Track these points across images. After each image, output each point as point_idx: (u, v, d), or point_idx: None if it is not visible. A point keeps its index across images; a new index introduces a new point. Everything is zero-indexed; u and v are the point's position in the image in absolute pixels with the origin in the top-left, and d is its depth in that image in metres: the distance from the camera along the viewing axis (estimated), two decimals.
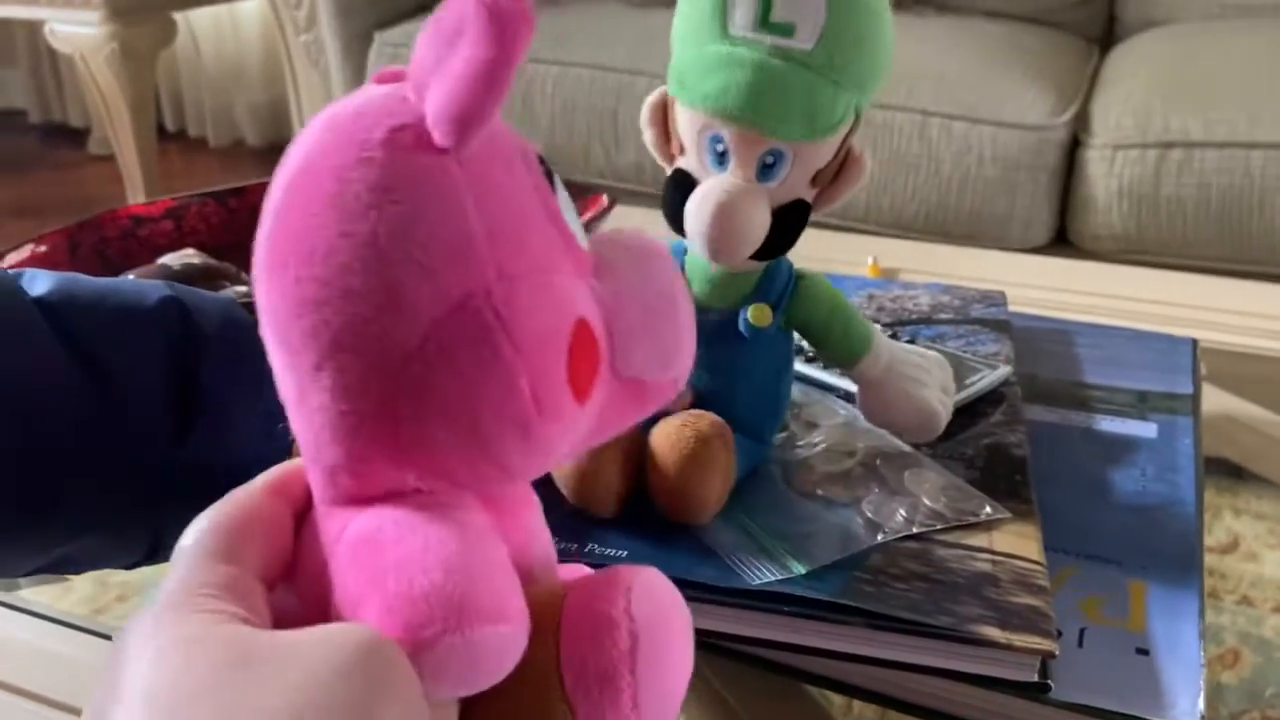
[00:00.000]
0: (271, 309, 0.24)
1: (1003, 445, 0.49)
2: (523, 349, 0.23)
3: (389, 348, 0.23)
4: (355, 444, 0.24)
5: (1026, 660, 0.37)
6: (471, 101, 0.22)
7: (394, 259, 0.23)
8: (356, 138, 0.23)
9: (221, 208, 0.74)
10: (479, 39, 0.22)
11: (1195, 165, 1.25)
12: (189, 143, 2.86)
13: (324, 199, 0.23)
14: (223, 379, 0.38)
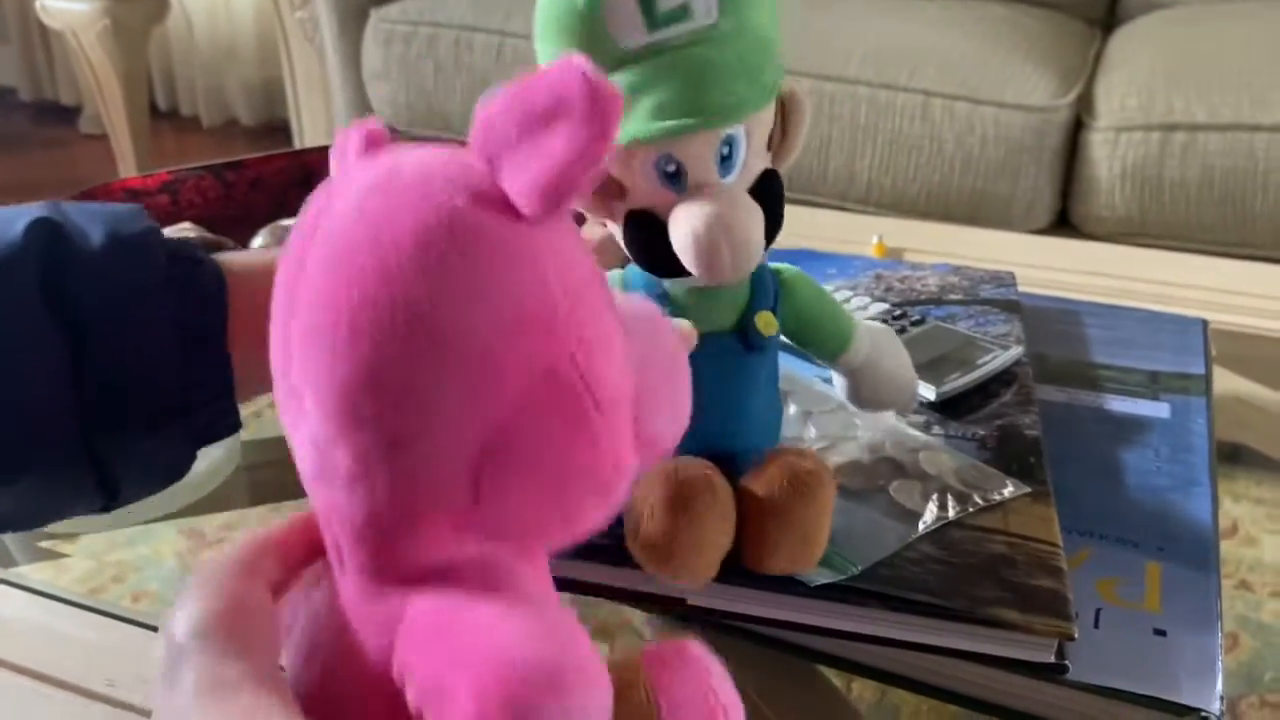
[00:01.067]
0: (329, 378, 0.23)
1: (1015, 426, 0.48)
2: (604, 412, 0.24)
3: (477, 418, 0.23)
4: (427, 515, 0.23)
5: (1044, 642, 0.36)
6: (571, 178, 0.23)
7: (485, 327, 0.22)
8: (432, 202, 0.23)
9: (218, 181, 0.73)
10: (583, 121, 0.22)
11: (1199, 147, 1.24)
12: (182, 122, 2.83)
13: (403, 264, 0.22)
14: (111, 302, 0.35)
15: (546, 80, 0.23)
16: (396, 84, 1.64)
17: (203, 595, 0.25)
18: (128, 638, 0.44)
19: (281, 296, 0.25)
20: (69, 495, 0.37)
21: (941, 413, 0.49)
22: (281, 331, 0.24)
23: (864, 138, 1.37)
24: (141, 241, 0.37)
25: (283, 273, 0.25)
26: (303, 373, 0.23)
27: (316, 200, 0.25)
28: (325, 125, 1.87)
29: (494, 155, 0.23)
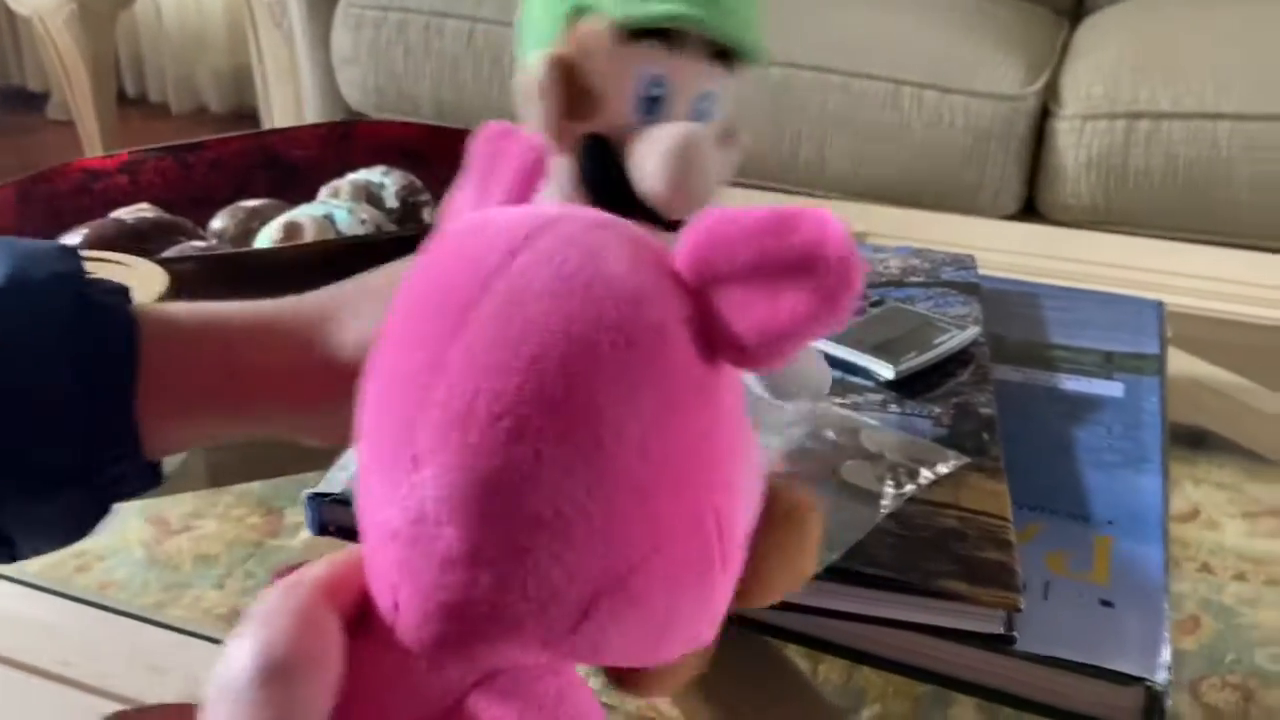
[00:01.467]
0: (470, 462, 0.21)
1: (971, 404, 0.48)
2: (726, 569, 0.23)
3: (613, 553, 0.21)
4: (522, 626, 0.22)
5: (992, 613, 0.37)
6: (800, 341, 0.22)
7: (656, 462, 0.21)
8: (642, 312, 0.21)
9: (177, 163, 0.72)
10: (834, 291, 0.21)
11: (1163, 136, 1.26)
12: (150, 108, 2.80)
13: (592, 371, 0.21)
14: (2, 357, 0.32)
15: (802, 227, 0.21)
16: (366, 69, 1.63)
17: (278, 628, 0.22)
18: (83, 620, 0.44)
19: (423, 329, 0.22)
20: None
21: (899, 391, 0.49)
22: (411, 380, 0.22)
23: (834, 126, 1.38)
24: (47, 288, 0.34)
25: (424, 307, 0.22)
26: (435, 443, 0.21)
27: (480, 242, 0.22)
28: (294, 111, 1.86)
29: (715, 280, 0.22)
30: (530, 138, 0.26)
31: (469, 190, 0.26)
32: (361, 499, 0.24)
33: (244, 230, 0.66)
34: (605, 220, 0.23)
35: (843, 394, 0.49)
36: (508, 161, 0.26)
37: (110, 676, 0.41)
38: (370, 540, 0.23)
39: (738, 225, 0.22)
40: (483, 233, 0.23)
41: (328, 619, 0.23)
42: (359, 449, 0.24)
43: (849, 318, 0.21)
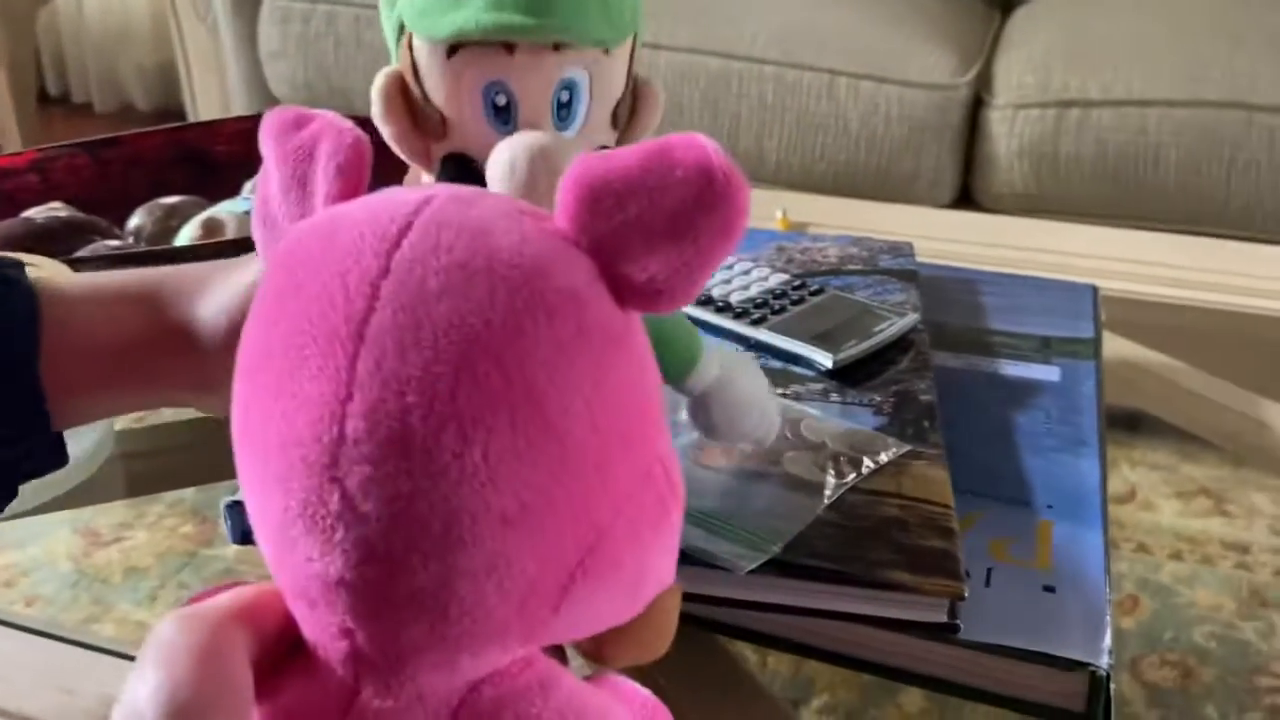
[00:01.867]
0: (405, 479, 0.19)
1: (911, 391, 0.48)
2: (678, 508, 0.23)
3: (583, 524, 0.21)
4: (508, 630, 0.21)
5: (935, 602, 0.36)
6: (705, 278, 0.21)
7: (605, 428, 0.20)
8: (551, 284, 0.20)
9: (92, 159, 0.70)
10: (719, 238, 0.21)
11: (1093, 123, 1.27)
12: (73, 108, 2.72)
13: (522, 350, 0.20)
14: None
15: (680, 157, 0.20)
16: (295, 63, 1.59)
17: (181, 667, 0.21)
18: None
19: (306, 354, 0.20)
20: None
21: (839, 380, 0.49)
22: (310, 414, 0.20)
23: (771, 117, 1.38)
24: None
25: (300, 329, 0.21)
26: (369, 474, 0.20)
27: (342, 246, 0.21)
28: (221, 107, 1.81)
29: (609, 234, 0.21)
30: (339, 124, 0.24)
31: (284, 192, 0.24)
32: (274, 552, 0.22)
33: (163, 228, 0.64)
34: (465, 193, 0.22)
35: (784, 384, 0.48)
36: (324, 153, 0.23)
37: (20, 697, 0.39)
38: (301, 591, 0.22)
39: (616, 174, 0.21)
40: (338, 235, 0.21)
41: (234, 658, 0.21)
42: (249, 500, 0.22)
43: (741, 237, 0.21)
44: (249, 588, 0.23)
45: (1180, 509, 0.52)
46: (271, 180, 0.25)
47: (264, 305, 0.22)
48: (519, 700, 0.22)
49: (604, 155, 0.21)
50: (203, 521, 0.50)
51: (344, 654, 0.21)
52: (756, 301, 0.54)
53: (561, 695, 0.22)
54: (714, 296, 0.55)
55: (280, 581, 0.22)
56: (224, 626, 0.21)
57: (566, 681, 0.23)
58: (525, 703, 0.22)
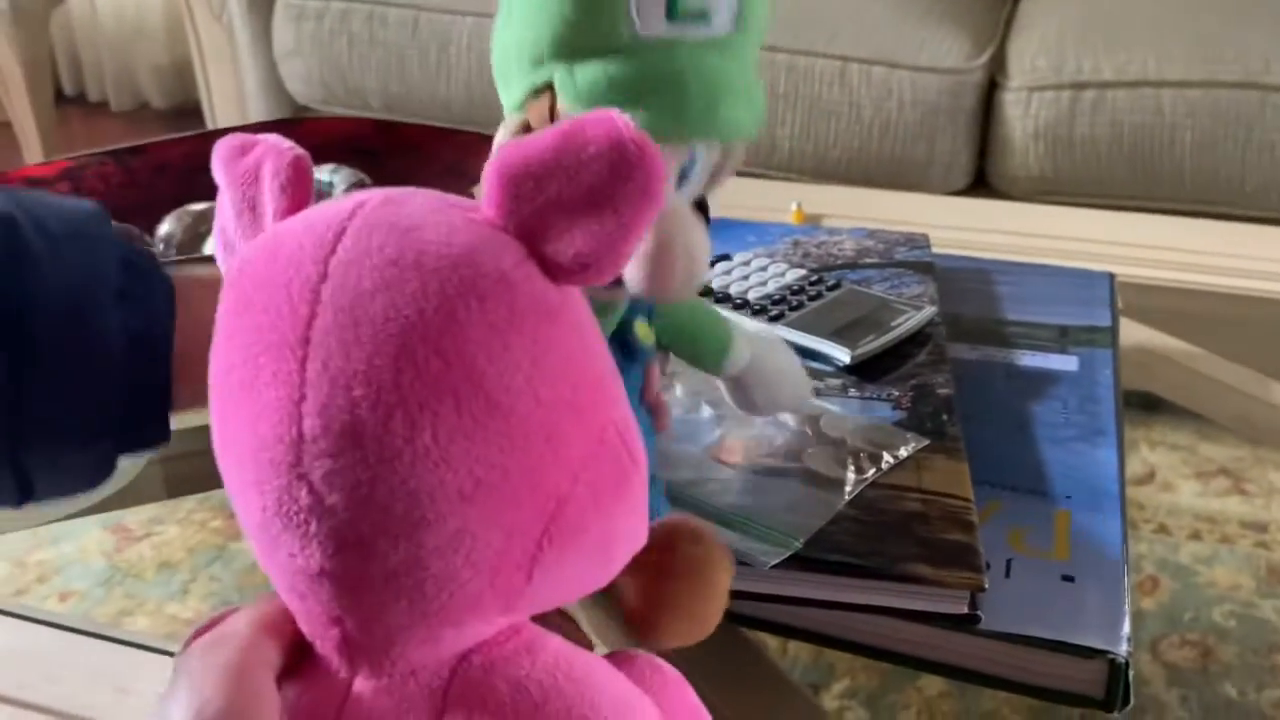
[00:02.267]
0: (363, 468, 0.21)
1: (929, 385, 0.49)
2: (639, 468, 0.24)
3: (541, 496, 0.22)
4: (482, 604, 0.22)
5: (956, 594, 0.37)
6: (628, 250, 0.22)
7: (549, 400, 0.21)
8: (480, 270, 0.21)
9: (121, 167, 0.71)
10: (639, 207, 0.21)
11: (1108, 105, 1.27)
12: (90, 107, 2.74)
13: (458, 336, 0.21)
14: (59, 302, 0.34)
15: (592, 135, 0.21)
16: (309, 61, 1.60)
17: (211, 686, 0.22)
18: (36, 639, 0.43)
19: (259, 364, 0.22)
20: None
21: (857, 375, 0.50)
22: (270, 419, 0.21)
23: (784, 105, 1.38)
24: (97, 248, 0.36)
25: (252, 341, 0.22)
26: (330, 467, 0.21)
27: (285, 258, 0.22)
28: (237, 106, 1.82)
29: (532, 217, 0.22)
30: (280, 144, 0.25)
31: (238, 216, 0.25)
32: (261, 553, 0.23)
33: (192, 235, 0.65)
34: (397, 194, 0.23)
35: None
36: (268, 176, 0.25)
37: (73, 698, 0.40)
38: (290, 586, 0.23)
39: (533, 158, 0.22)
40: (281, 249, 0.23)
41: (258, 671, 0.23)
42: (236, 508, 0.24)
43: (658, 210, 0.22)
44: (270, 598, 0.24)
45: (1199, 489, 0.53)
46: (225, 207, 0.26)
47: (222, 323, 0.23)
48: (507, 664, 0.23)
49: (520, 141, 0.22)
50: (231, 516, 0.51)
51: (336, 641, 0.23)
52: (774, 298, 0.55)
53: (548, 656, 0.23)
54: (732, 293, 0.56)
55: (273, 580, 0.24)
56: (248, 645, 0.23)
57: (553, 644, 0.24)
58: (514, 666, 0.23)
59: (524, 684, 0.22)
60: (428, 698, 0.23)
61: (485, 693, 0.22)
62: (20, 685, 0.41)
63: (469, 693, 0.22)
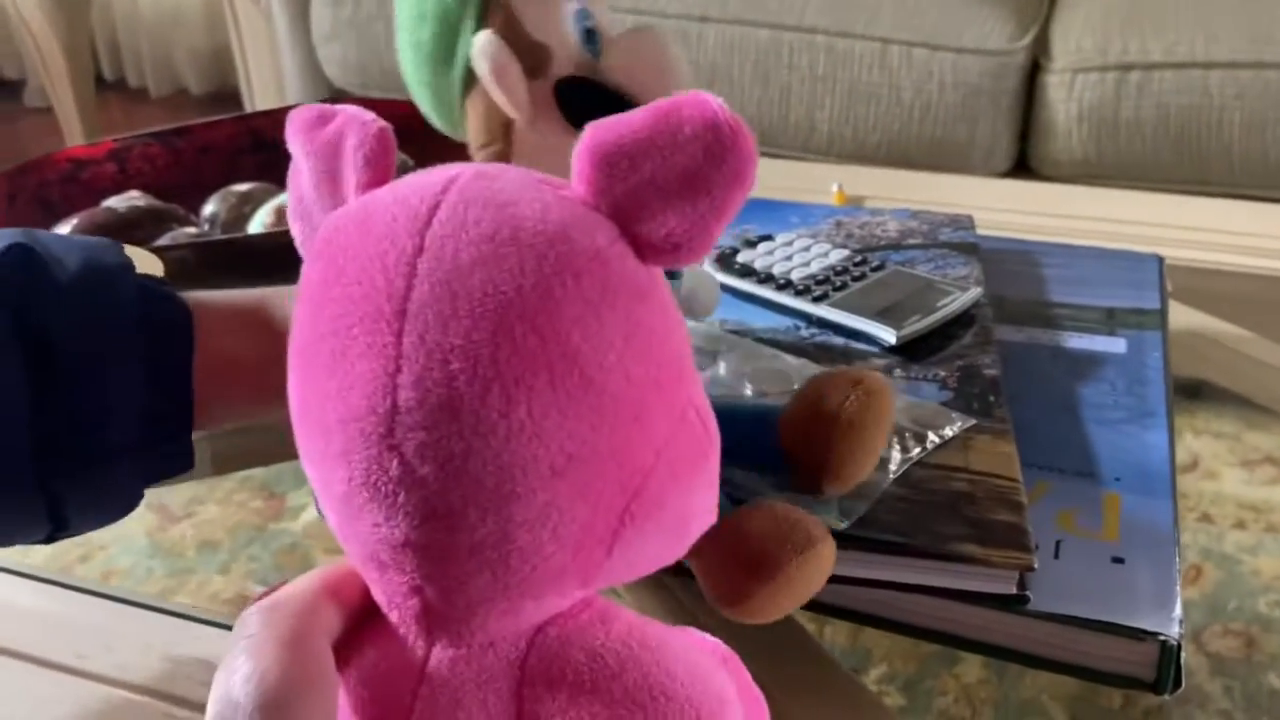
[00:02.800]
0: (461, 443, 0.21)
1: (975, 366, 0.48)
2: (714, 446, 0.24)
3: (627, 469, 0.22)
4: (564, 576, 0.23)
5: (1005, 574, 0.37)
6: (718, 231, 0.22)
7: (639, 378, 0.22)
8: (576, 248, 0.21)
9: (166, 149, 0.72)
10: (731, 189, 0.22)
11: (1154, 87, 1.25)
12: (129, 92, 2.77)
13: (554, 313, 0.21)
14: (84, 336, 0.35)
15: (687, 115, 0.21)
16: (347, 45, 1.61)
17: (269, 656, 0.22)
18: (94, 611, 0.44)
19: (353, 332, 0.22)
20: (13, 522, 0.36)
21: (902, 355, 0.49)
22: (362, 388, 0.21)
23: (823, 88, 1.37)
24: (115, 275, 0.36)
25: (345, 310, 0.22)
26: (424, 438, 0.21)
27: (376, 230, 0.22)
28: (275, 90, 1.84)
29: (622, 197, 0.22)
30: (362, 116, 0.25)
31: (316, 186, 0.25)
32: (341, 523, 0.23)
33: (236, 215, 0.66)
34: (488, 170, 0.23)
35: (847, 360, 0.49)
36: (350, 146, 0.25)
37: (126, 668, 0.41)
38: (371, 556, 0.23)
39: (627, 138, 0.22)
40: (372, 221, 0.23)
41: (317, 640, 0.23)
42: (313, 478, 0.24)
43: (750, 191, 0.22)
44: (330, 566, 0.25)
45: (1244, 478, 0.52)
46: (302, 176, 0.26)
47: (309, 293, 0.23)
48: (583, 634, 0.23)
49: (614, 120, 0.22)
50: (270, 496, 0.52)
51: (416, 611, 0.23)
52: (818, 278, 0.55)
53: (621, 626, 0.23)
54: (775, 274, 0.56)
55: (350, 551, 0.24)
56: (305, 613, 0.23)
57: (625, 615, 0.24)
58: (589, 636, 0.23)
59: (600, 653, 0.23)
60: (506, 669, 0.23)
61: (563, 663, 0.23)
62: (79, 655, 0.41)
63: (547, 664, 0.23)
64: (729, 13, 1.39)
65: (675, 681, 0.23)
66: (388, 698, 0.23)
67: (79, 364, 0.34)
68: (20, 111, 2.69)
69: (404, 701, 0.23)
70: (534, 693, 0.23)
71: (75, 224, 0.61)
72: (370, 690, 0.23)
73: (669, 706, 0.22)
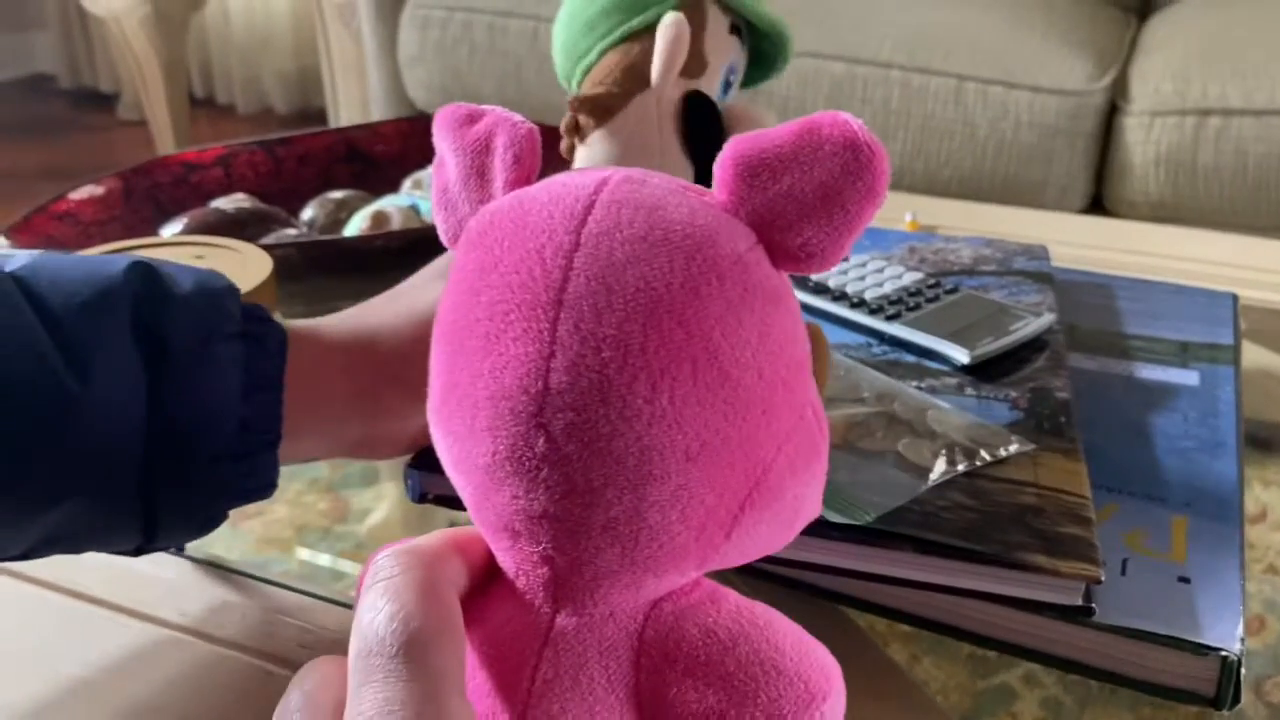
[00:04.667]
0: (609, 426, 0.22)
1: (1047, 388, 0.49)
2: (826, 442, 0.26)
3: (752, 460, 0.24)
4: (687, 555, 0.24)
5: (1072, 585, 0.38)
6: (844, 252, 0.24)
7: (769, 376, 0.23)
8: (720, 250, 0.23)
9: (269, 156, 0.75)
10: (865, 204, 0.23)
11: (1233, 133, 1.24)
12: (217, 109, 2.88)
13: (700, 309, 0.23)
14: (194, 341, 0.37)
15: (827, 132, 0.23)
16: (432, 68, 1.66)
17: (411, 599, 0.23)
18: (196, 576, 0.47)
19: (510, 318, 0.23)
20: (107, 527, 0.37)
21: (974, 375, 0.50)
22: (514, 371, 0.23)
23: (896, 122, 1.38)
24: (223, 295, 0.39)
25: (500, 298, 0.23)
26: (572, 420, 0.22)
27: (532, 225, 0.24)
28: (360, 109, 1.90)
29: (762, 206, 0.24)
30: (511, 117, 0.27)
31: (464, 181, 0.27)
32: (478, 495, 0.25)
33: (333, 220, 0.69)
34: (636, 174, 0.25)
35: (919, 377, 0.50)
36: (500, 145, 0.26)
37: (227, 628, 0.43)
38: (505, 525, 0.24)
39: (770, 150, 0.23)
40: (528, 216, 0.24)
41: (450, 592, 0.24)
42: (452, 452, 0.25)
43: None
44: (454, 529, 0.26)
45: None
46: (449, 170, 0.27)
47: (464, 278, 0.25)
48: (696, 611, 0.25)
49: (756, 134, 0.24)
50: (336, 499, 0.54)
51: (545, 579, 0.24)
52: (891, 298, 0.56)
53: (730, 605, 0.25)
54: (849, 292, 0.57)
55: (483, 520, 0.25)
56: (439, 562, 0.24)
57: (733, 596, 0.25)
58: (702, 613, 0.24)
59: (713, 629, 0.24)
60: (625, 639, 0.24)
61: (679, 637, 0.24)
62: (182, 614, 0.44)
63: (663, 637, 0.24)
64: (804, 45, 1.41)
65: (784, 656, 0.24)
66: (513, 656, 0.24)
67: (188, 371, 0.37)
68: (114, 123, 2.81)
69: (529, 661, 0.24)
70: (651, 663, 0.24)
71: (185, 223, 0.64)
72: (496, 649, 0.25)
73: (779, 680, 0.24)
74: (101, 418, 0.35)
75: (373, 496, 0.54)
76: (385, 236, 0.62)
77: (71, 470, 0.35)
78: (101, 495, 0.36)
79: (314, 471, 0.54)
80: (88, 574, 0.46)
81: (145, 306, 0.37)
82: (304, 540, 0.51)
